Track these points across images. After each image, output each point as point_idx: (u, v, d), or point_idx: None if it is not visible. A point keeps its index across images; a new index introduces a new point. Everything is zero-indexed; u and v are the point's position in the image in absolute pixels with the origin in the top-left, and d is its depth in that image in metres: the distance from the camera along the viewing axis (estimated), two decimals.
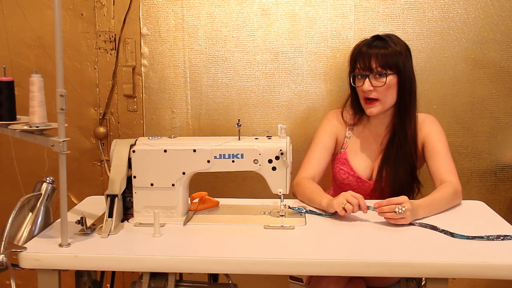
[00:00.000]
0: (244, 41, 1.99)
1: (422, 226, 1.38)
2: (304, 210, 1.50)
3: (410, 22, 1.95)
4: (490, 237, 1.28)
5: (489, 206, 1.59)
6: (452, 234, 1.31)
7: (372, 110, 1.65)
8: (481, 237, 1.28)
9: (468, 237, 1.29)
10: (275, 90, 2.01)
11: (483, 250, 1.22)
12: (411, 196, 1.73)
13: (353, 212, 1.42)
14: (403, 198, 1.39)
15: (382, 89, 1.61)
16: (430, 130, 1.67)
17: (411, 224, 1.39)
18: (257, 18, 1.98)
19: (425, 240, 1.30)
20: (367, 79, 1.62)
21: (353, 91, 1.72)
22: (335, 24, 1.97)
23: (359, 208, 1.42)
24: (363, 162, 1.72)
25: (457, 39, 1.95)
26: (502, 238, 1.28)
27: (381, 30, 1.94)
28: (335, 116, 1.77)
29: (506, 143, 1.99)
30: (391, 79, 1.62)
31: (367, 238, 1.32)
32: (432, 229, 1.35)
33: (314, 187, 1.61)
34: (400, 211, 1.36)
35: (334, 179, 1.79)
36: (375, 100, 1.63)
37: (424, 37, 1.95)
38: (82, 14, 1.99)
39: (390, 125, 1.71)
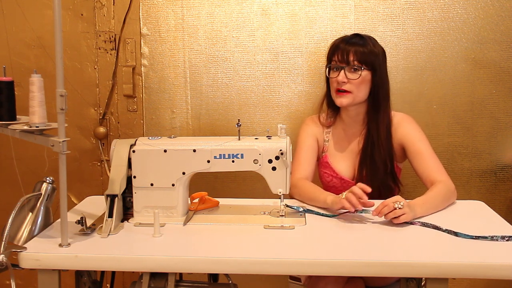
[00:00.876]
0: (244, 41, 1.99)
1: (425, 226, 1.38)
2: (302, 209, 1.50)
3: (410, 22, 1.95)
4: (494, 238, 1.28)
5: (489, 206, 1.59)
6: (456, 234, 1.31)
7: (342, 100, 1.65)
8: (484, 237, 1.28)
9: (472, 237, 1.29)
10: (275, 90, 2.01)
11: (483, 250, 1.22)
12: (392, 195, 1.72)
13: (356, 210, 1.42)
14: (396, 197, 1.41)
15: (356, 82, 1.63)
16: (408, 131, 1.67)
17: (412, 223, 1.40)
18: (257, 18, 1.98)
19: (425, 240, 1.30)
20: (342, 71, 1.64)
21: (328, 87, 1.73)
22: (335, 24, 1.97)
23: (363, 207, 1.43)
24: (344, 163, 1.74)
25: (457, 39, 1.95)
26: (506, 239, 1.28)
27: (381, 30, 1.95)
28: (312, 121, 1.79)
29: (506, 143, 1.99)
30: (366, 74, 1.64)
31: (367, 238, 1.32)
32: (435, 228, 1.35)
33: (314, 187, 1.62)
34: (399, 206, 1.37)
35: (321, 184, 1.79)
36: (347, 92, 1.64)
37: (424, 37, 1.95)
38: (82, 14, 2.00)
39: (364, 124, 1.72)
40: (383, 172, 1.66)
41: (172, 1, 1.98)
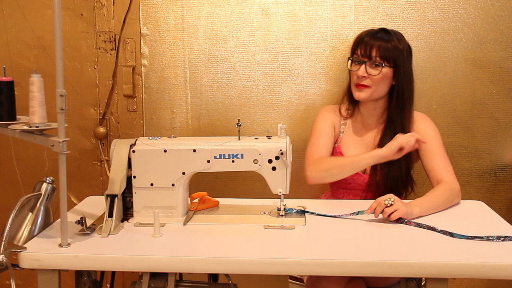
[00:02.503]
0: (244, 41, 1.99)
1: (419, 227, 1.38)
2: (296, 211, 1.50)
3: (410, 22, 1.95)
4: (490, 238, 1.28)
5: (489, 206, 1.59)
6: (451, 234, 1.31)
7: (360, 94, 1.66)
8: (480, 237, 1.28)
9: (467, 237, 1.29)
10: (275, 90, 2.01)
11: (483, 250, 1.22)
12: (405, 193, 1.73)
13: (353, 212, 1.43)
14: (389, 194, 1.42)
15: (376, 78, 1.63)
16: (423, 128, 1.67)
17: (409, 223, 1.40)
18: (257, 18, 1.98)
19: (425, 240, 1.30)
20: (363, 65, 1.64)
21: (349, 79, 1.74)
22: (335, 24, 1.97)
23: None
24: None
25: (457, 39, 1.95)
26: (502, 239, 1.28)
27: None
28: (332, 109, 1.79)
29: (506, 143, 1.99)
30: (387, 71, 1.64)
31: (367, 238, 1.32)
32: (429, 229, 1.35)
33: (341, 157, 1.66)
34: (390, 202, 1.38)
35: None
36: (366, 86, 1.64)
37: (424, 37, 1.95)
38: (82, 14, 2.00)
39: (381, 118, 1.72)
40: (397, 168, 1.66)
41: (172, 1, 1.98)
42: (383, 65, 1.62)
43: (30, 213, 1.33)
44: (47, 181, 1.36)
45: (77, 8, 1.99)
